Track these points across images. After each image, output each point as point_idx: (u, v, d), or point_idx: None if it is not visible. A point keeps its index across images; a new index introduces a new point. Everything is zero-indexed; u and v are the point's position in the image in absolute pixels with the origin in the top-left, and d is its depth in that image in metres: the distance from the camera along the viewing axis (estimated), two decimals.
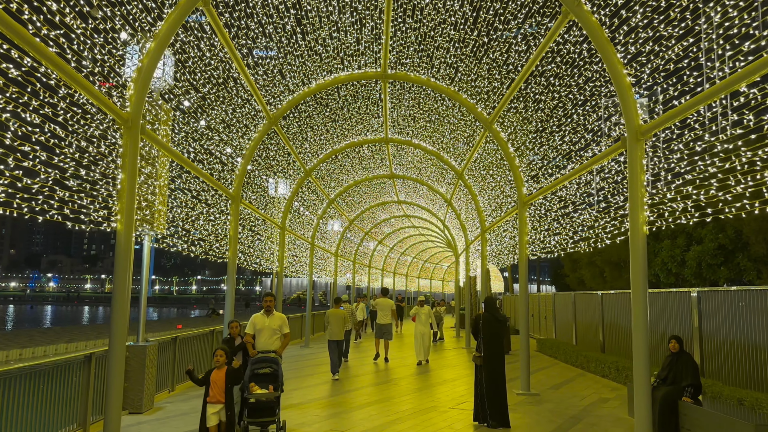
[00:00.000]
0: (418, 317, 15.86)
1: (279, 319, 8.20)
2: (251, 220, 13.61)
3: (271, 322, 8.11)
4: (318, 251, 24.10)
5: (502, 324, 8.42)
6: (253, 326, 8.14)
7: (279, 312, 8.38)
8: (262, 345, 7.98)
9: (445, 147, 16.04)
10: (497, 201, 14.38)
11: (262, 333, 8.07)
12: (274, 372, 7.49)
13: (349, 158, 18.62)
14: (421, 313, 15.93)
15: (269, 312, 8.18)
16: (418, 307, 16.23)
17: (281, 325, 8.18)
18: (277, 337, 8.12)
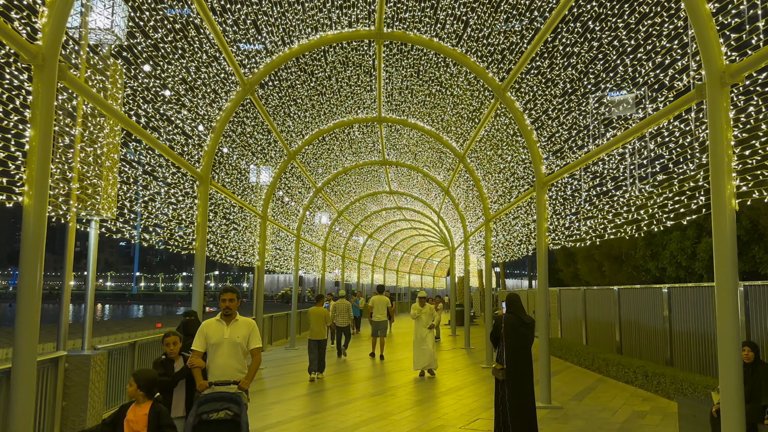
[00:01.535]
0: (418, 319, 13.00)
1: (245, 326, 5.39)
2: (225, 206, 11.84)
3: (232, 332, 5.30)
4: (304, 245, 22.35)
5: (530, 328, 6.77)
6: (204, 340, 5.28)
7: (246, 317, 5.58)
8: (218, 371, 5.21)
9: (445, 126, 14.35)
10: (505, 185, 12.72)
11: (218, 351, 5.24)
12: (235, 420, 4.93)
13: (337, 141, 16.87)
14: (421, 313, 12.99)
15: (229, 317, 5.38)
16: (418, 307, 13.07)
17: (249, 337, 5.36)
18: (241, 358, 5.32)
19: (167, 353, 5.60)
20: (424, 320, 12.97)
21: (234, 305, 5.44)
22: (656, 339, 12.64)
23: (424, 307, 13.11)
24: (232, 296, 5.44)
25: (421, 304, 13.11)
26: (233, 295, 5.45)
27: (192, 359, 5.25)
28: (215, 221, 11.11)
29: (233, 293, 5.47)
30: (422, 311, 13.09)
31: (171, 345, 5.59)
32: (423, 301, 13.19)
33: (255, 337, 5.44)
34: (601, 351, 14.42)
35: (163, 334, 5.82)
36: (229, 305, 5.40)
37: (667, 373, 10.50)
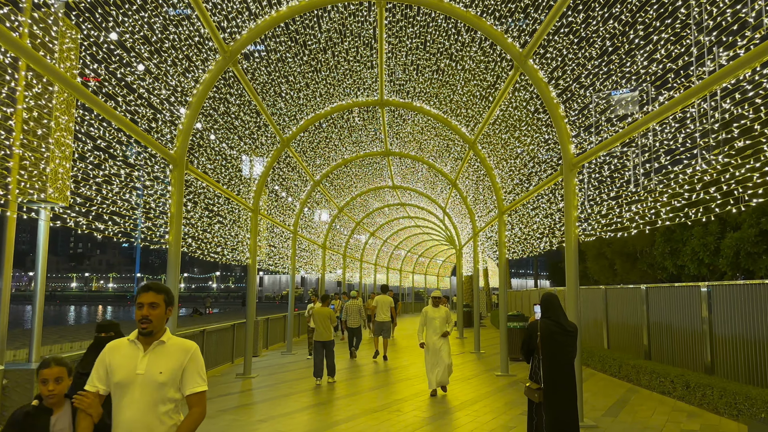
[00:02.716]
0: (429, 323, 10.59)
1: (176, 354, 3.11)
2: (208, 196, 10.50)
3: (153, 364, 3.06)
4: (303, 243, 21.00)
5: (573, 337, 5.40)
6: (105, 374, 3.10)
7: (183, 339, 3.23)
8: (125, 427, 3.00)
9: (454, 109, 12.98)
10: (523, 172, 11.34)
11: (126, 397, 3.02)
12: None
13: (336, 128, 15.51)
14: (434, 317, 10.56)
15: (150, 337, 3.11)
16: (431, 308, 10.68)
17: (182, 374, 3.10)
18: (166, 410, 3.06)
19: (42, 397, 3.34)
20: (437, 326, 10.47)
21: (158, 316, 3.07)
22: (693, 343, 11.26)
23: (438, 308, 10.64)
24: (155, 298, 3.07)
25: (434, 305, 10.67)
26: (157, 297, 3.08)
27: (82, 404, 3.02)
28: (195, 212, 9.77)
29: (157, 293, 3.10)
30: (435, 313, 10.60)
31: (51, 383, 3.29)
32: (437, 302, 10.67)
33: (193, 373, 3.07)
34: (627, 356, 13.04)
35: (39, 362, 3.67)
36: (148, 315, 3.03)
37: (714, 384, 9.11)
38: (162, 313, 3.14)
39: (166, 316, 3.17)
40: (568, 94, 8.19)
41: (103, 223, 6.70)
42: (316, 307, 12.33)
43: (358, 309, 15.96)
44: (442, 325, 10.58)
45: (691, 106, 5.65)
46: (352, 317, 15.95)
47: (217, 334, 14.61)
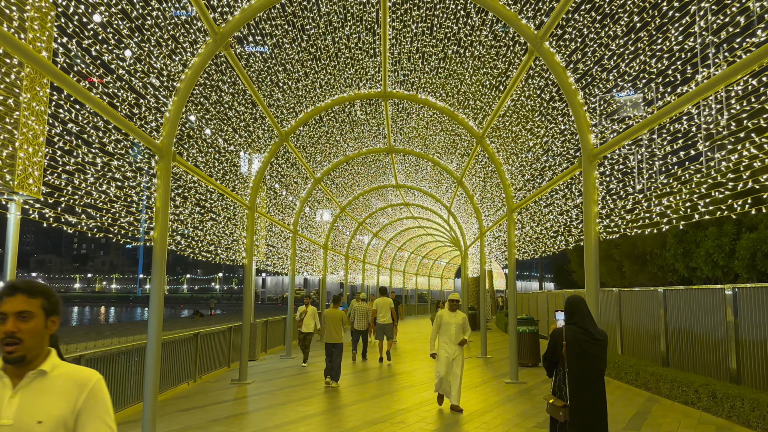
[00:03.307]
0: (444, 330, 9.26)
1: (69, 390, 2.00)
2: (200, 191, 9.86)
3: (25, 407, 1.94)
4: (303, 243, 20.36)
5: (602, 347, 4.71)
6: None
7: (80, 368, 2.07)
8: None
9: (462, 101, 12.31)
10: (535, 167, 10.66)
11: None
12: None
13: (337, 122, 14.86)
14: (450, 323, 9.23)
15: (21, 366, 2.00)
16: (447, 313, 9.32)
17: (75, 416, 1.98)
18: None
19: None
20: (453, 333, 9.17)
21: (32, 331, 1.99)
22: (716, 350, 10.56)
23: (455, 314, 9.31)
24: (26, 305, 1.99)
25: (451, 309, 9.35)
26: (29, 303, 2.00)
27: None
28: (184, 208, 9.12)
29: (29, 296, 2.01)
30: (450, 319, 9.25)
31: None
32: (455, 306, 9.37)
33: (92, 419, 2.00)
34: (644, 363, 12.33)
35: None
36: (15, 331, 1.95)
37: (744, 395, 8.40)
38: (39, 327, 2.00)
39: (47, 332, 2.05)
40: (588, 79, 7.51)
41: (77, 217, 6.05)
42: (327, 310, 12.11)
43: (366, 311, 15.77)
44: (458, 333, 9.19)
45: (736, 84, 4.97)
46: (359, 319, 15.74)
47: (213, 338, 13.97)
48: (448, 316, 9.29)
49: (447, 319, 9.28)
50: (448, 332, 9.25)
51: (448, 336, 9.24)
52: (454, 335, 9.21)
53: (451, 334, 9.22)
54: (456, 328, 9.22)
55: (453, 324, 9.22)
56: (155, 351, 7.87)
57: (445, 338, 9.27)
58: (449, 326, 9.24)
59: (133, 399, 9.60)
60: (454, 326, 9.22)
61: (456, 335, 9.21)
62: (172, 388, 11.43)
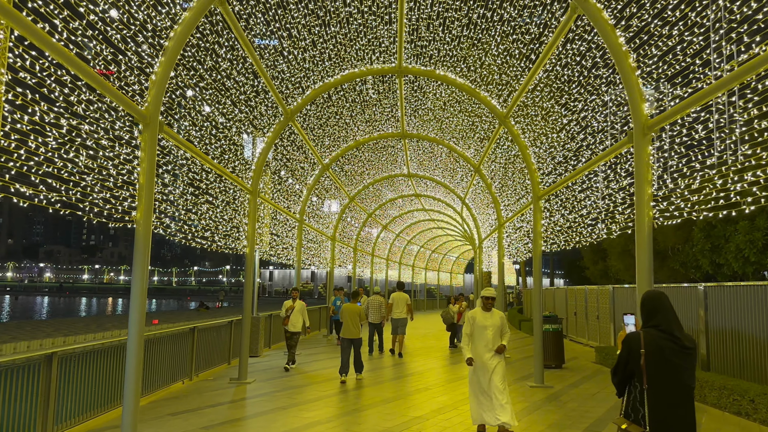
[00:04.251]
0: (479, 334, 7.26)
1: None
2: (194, 170, 8.82)
3: None
4: (310, 234, 19.34)
5: (692, 357, 3.62)
6: None
7: None
8: None
9: (484, 77, 11.19)
10: (569, 147, 9.53)
11: None
12: None
13: (347, 101, 13.78)
14: (486, 325, 7.26)
15: None
16: (481, 313, 7.33)
17: None
18: None
19: None
20: (490, 338, 7.20)
21: None
22: (765, 353, 9.44)
23: (491, 314, 7.32)
24: None
25: (486, 308, 7.31)
26: None
27: None
28: (175, 187, 8.10)
29: None
30: (488, 321, 7.28)
31: None
32: (490, 304, 7.33)
33: None
34: None
35: None
36: None
37: None
38: None
39: None
40: (643, 37, 6.38)
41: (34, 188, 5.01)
42: (345, 305, 11.76)
43: (380, 305, 15.55)
44: (496, 338, 7.24)
45: None
46: (374, 313, 15.55)
47: (212, 332, 12.98)
48: (482, 318, 7.29)
49: (481, 321, 7.28)
50: (483, 338, 7.23)
51: (484, 342, 7.21)
52: (491, 341, 7.21)
53: (487, 340, 7.21)
54: (493, 332, 7.23)
55: (489, 327, 7.25)
56: (136, 349, 6.86)
57: (481, 345, 7.21)
58: (484, 330, 7.24)
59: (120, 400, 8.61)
60: (490, 330, 7.24)
61: (493, 341, 7.23)
62: (165, 387, 10.46)
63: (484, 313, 7.33)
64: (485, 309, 7.32)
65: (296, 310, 13.05)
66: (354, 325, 11.47)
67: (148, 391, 9.83)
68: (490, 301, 7.33)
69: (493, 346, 7.21)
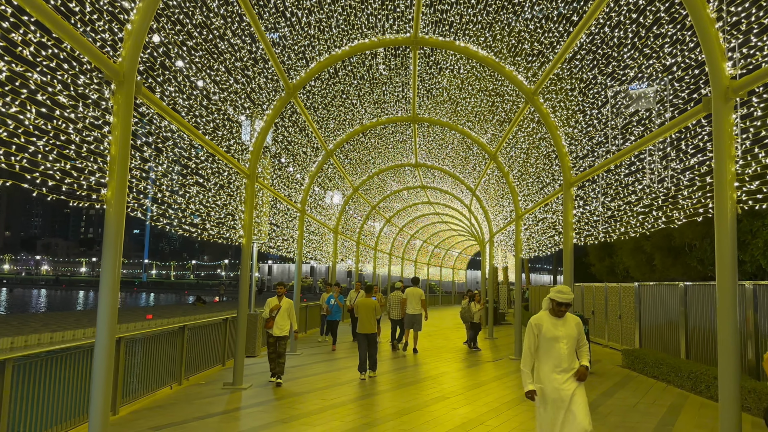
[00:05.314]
0: (547, 348, 5.18)
1: None
2: (180, 144, 7.61)
3: None
4: (312, 226, 18.15)
5: None
6: None
7: None
8: None
9: (511, 48, 9.98)
10: (613, 124, 8.32)
11: None
12: None
13: (354, 78, 12.55)
14: (558, 336, 5.16)
15: None
16: (549, 319, 5.26)
17: None
18: None
19: None
20: (564, 354, 5.16)
21: None
22: None
23: (563, 321, 5.25)
24: None
25: (556, 314, 5.24)
26: None
27: None
28: (157, 164, 6.89)
29: None
30: (560, 331, 5.21)
31: None
32: (562, 310, 5.22)
33: None
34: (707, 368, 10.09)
35: None
36: None
37: None
38: None
39: None
40: None
41: None
42: (360, 299, 11.48)
43: (400, 300, 15.62)
44: (572, 355, 5.17)
45: None
46: (395, 309, 15.73)
47: (204, 331, 11.82)
48: (551, 326, 5.18)
49: (550, 329, 5.17)
50: (554, 355, 5.13)
51: (556, 360, 5.12)
52: (565, 358, 5.11)
53: (560, 357, 5.11)
54: (568, 346, 5.15)
55: (563, 339, 5.13)
56: (106, 354, 5.67)
57: (551, 365, 5.13)
58: (555, 344, 5.13)
59: None
60: (564, 343, 5.13)
61: (569, 359, 5.13)
62: (150, 393, 9.29)
63: (554, 319, 5.21)
64: (556, 315, 5.20)
65: (283, 310, 10.55)
66: (369, 320, 11.16)
67: (130, 399, 8.66)
68: (563, 308, 5.16)
69: (569, 366, 5.11)
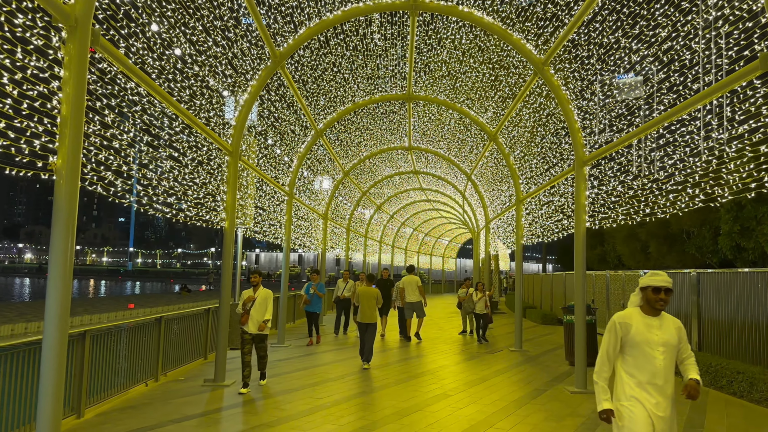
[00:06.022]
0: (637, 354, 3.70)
1: None
2: (150, 112, 6.65)
3: None
4: (300, 211, 17.23)
5: None
6: None
7: None
8: None
9: (521, 14, 9.09)
10: (638, 92, 7.48)
11: None
12: None
13: (347, 49, 11.60)
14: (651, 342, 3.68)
15: None
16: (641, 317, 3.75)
17: None
18: None
19: None
20: (659, 368, 3.66)
21: None
22: None
23: (658, 319, 3.74)
24: None
25: (652, 310, 3.73)
26: None
27: None
28: (123, 131, 5.94)
29: None
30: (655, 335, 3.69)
31: None
32: (662, 299, 3.67)
33: None
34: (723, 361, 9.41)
35: None
36: None
37: None
38: None
39: None
40: None
41: None
42: (361, 287, 11.37)
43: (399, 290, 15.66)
44: (670, 367, 3.70)
45: None
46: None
47: (185, 322, 10.93)
48: (643, 327, 3.73)
49: (642, 331, 3.72)
50: (646, 365, 3.69)
51: (648, 373, 3.68)
52: (661, 371, 3.66)
53: (655, 370, 3.67)
54: (666, 357, 3.68)
55: (659, 346, 3.69)
56: (56, 350, 4.78)
57: (640, 379, 3.69)
58: (649, 351, 3.69)
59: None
60: (661, 351, 3.68)
61: (665, 372, 3.67)
62: (123, 392, 8.41)
63: (648, 318, 3.72)
64: (652, 311, 3.72)
65: (258, 303, 8.92)
66: (371, 309, 11.11)
67: (98, 399, 7.77)
68: (661, 299, 3.65)
69: (664, 383, 3.62)
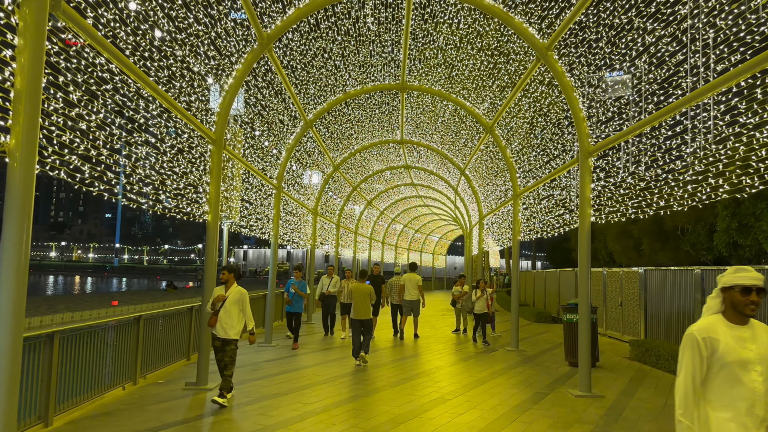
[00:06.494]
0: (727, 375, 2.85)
1: None
2: (123, 90, 6.05)
3: None
4: (288, 205, 16.63)
5: None
6: None
7: None
8: None
9: None
10: (653, 76, 6.98)
11: None
12: None
13: (339, 34, 11.01)
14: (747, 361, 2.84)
15: None
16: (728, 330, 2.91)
17: None
18: None
19: None
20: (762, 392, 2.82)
21: None
22: None
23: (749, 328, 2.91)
24: None
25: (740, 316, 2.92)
26: None
27: None
28: (90, 112, 5.34)
29: None
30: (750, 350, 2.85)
31: None
32: (754, 302, 2.87)
33: None
34: None
35: None
36: None
37: None
38: None
39: None
40: None
41: None
42: (354, 284, 11.19)
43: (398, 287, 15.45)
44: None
45: None
46: (394, 295, 15.71)
47: (165, 321, 10.32)
48: (732, 340, 2.88)
49: (733, 348, 2.87)
50: (742, 390, 2.84)
51: (746, 402, 2.83)
52: (763, 397, 2.82)
53: (754, 396, 2.82)
54: (766, 376, 2.83)
55: (756, 364, 2.84)
56: (10, 354, 4.19)
57: (736, 410, 2.83)
58: (744, 373, 2.84)
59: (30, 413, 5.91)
60: (759, 371, 2.83)
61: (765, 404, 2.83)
62: (97, 396, 7.81)
63: (736, 328, 2.93)
64: (739, 318, 2.94)
65: (230, 303, 7.83)
66: (364, 305, 11.01)
67: (69, 406, 7.16)
68: (753, 302, 2.88)
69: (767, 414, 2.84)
